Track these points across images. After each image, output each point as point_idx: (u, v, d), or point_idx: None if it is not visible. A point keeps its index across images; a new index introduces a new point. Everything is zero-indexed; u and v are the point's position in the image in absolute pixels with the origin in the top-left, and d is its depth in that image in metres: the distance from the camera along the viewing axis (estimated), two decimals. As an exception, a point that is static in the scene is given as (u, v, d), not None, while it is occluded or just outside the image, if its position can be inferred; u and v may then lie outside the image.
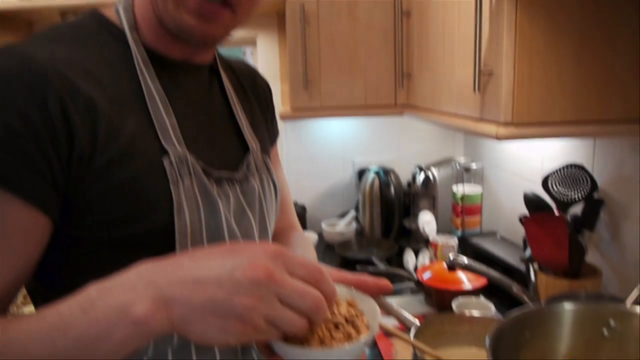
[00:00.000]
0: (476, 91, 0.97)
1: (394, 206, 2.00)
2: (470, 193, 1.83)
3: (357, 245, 1.98)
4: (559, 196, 1.22)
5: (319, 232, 2.06)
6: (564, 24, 0.92)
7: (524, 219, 1.22)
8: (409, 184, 2.05)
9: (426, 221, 1.82)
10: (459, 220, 1.84)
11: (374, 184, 1.99)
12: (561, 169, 1.23)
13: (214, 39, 0.70)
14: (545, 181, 1.24)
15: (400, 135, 2.16)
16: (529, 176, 1.59)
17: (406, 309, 1.11)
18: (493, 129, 0.97)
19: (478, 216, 1.86)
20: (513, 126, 0.95)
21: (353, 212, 2.08)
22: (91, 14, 0.72)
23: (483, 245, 1.67)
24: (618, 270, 1.23)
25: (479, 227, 1.86)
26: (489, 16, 0.96)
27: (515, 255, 1.49)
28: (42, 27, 0.68)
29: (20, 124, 0.57)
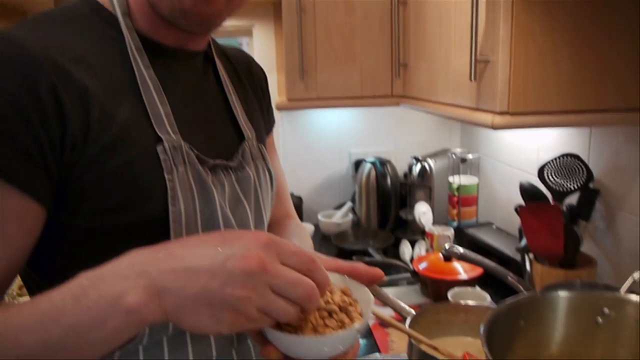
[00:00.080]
0: (472, 80, 0.97)
1: (390, 197, 2.00)
2: (467, 184, 1.83)
3: (354, 236, 1.98)
4: (554, 186, 1.22)
5: (315, 224, 2.06)
6: (559, 12, 0.92)
7: (519, 208, 1.22)
8: (406, 175, 2.05)
9: (422, 212, 1.82)
10: (455, 211, 1.84)
11: (371, 175, 1.99)
12: (557, 159, 1.23)
13: (208, 23, 0.69)
14: (541, 171, 1.24)
15: (397, 126, 2.16)
16: (525, 167, 1.59)
17: (402, 299, 1.11)
18: (489, 118, 0.96)
19: (474, 207, 1.86)
20: (509, 115, 0.94)
21: (349, 203, 2.08)
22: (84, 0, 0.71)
23: (479, 235, 1.68)
24: (613, 260, 1.24)
25: (475, 218, 1.86)
26: (486, 4, 0.96)
27: (511, 245, 1.49)
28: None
29: (11, 109, 0.56)
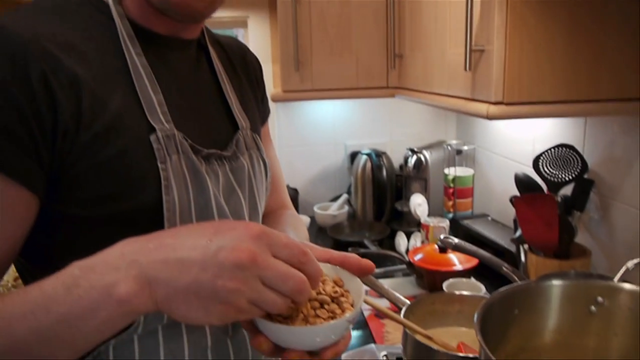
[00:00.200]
0: (467, 70, 0.97)
1: (386, 189, 2.00)
2: (462, 175, 1.84)
3: (349, 228, 1.98)
4: (549, 177, 1.23)
5: (311, 216, 2.06)
6: (554, 2, 0.92)
7: (514, 199, 1.22)
8: (401, 166, 2.05)
9: (418, 204, 1.82)
10: (451, 203, 1.85)
11: (366, 166, 1.98)
12: (552, 150, 1.23)
13: (199, 13, 0.69)
14: (536, 162, 1.24)
15: (393, 118, 2.15)
16: (520, 158, 1.59)
17: (398, 290, 1.11)
18: (484, 108, 0.96)
19: (469, 199, 1.86)
20: (504, 105, 0.94)
21: (345, 195, 2.08)
22: None
23: (474, 227, 1.68)
24: (607, 250, 1.24)
25: (470, 210, 1.87)
26: (481, -6, 0.96)
27: (506, 237, 1.49)
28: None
29: (1, 97, 0.56)
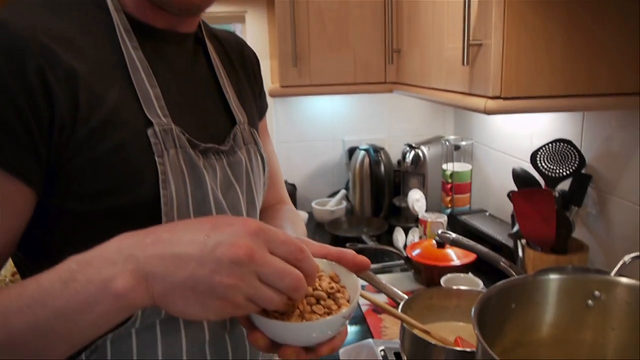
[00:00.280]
0: (465, 64, 0.96)
1: (384, 184, 2.00)
2: (460, 171, 1.84)
3: (347, 224, 1.98)
4: (547, 172, 1.23)
5: (309, 211, 2.05)
6: (553, -4, 0.92)
7: (511, 194, 1.23)
8: (399, 162, 2.05)
9: (416, 199, 1.82)
10: (449, 198, 1.85)
11: (364, 162, 1.98)
12: (549, 145, 1.23)
13: (196, 6, 0.69)
14: (533, 157, 1.24)
15: (391, 113, 2.15)
16: (518, 154, 1.59)
17: (396, 286, 1.11)
18: (481, 102, 0.96)
19: (467, 194, 1.86)
20: (501, 100, 0.94)
21: (343, 191, 2.08)
22: None
23: (472, 222, 1.68)
24: (605, 245, 1.24)
25: (468, 205, 1.87)
26: (479, -12, 0.95)
27: (504, 232, 1.50)
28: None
29: None
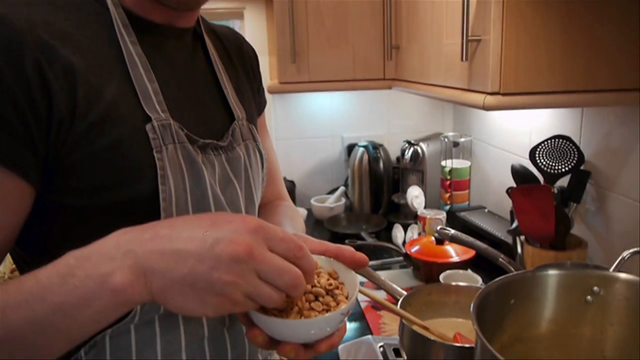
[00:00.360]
0: (464, 60, 0.96)
1: (382, 181, 2.00)
2: (459, 167, 1.83)
3: (347, 221, 1.98)
4: (546, 168, 1.23)
5: (308, 208, 2.05)
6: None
7: (510, 190, 1.22)
8: (398, 159, 2.05)
9: (415, 196, 1.82)
10: (448, 195, 1.85)
11: (363, 159, 1.98)
12: (548, 141, 1.23)
13: (194, 0, 0.68)
14: (532, 153, 1.24)
15: (390, 110, 2.15)
16: (517, 150, 1.59)
17: (395, 282, 1.11)
18: (480, 98, 0.96)
19: (466, 191, 1.86)
20: (500, 96, 0.94)
21: (342, 188, 2.08)
22: None
23: (471, 219, 1.68)
24: (603, 242, 1.24)
25: (467, 202, 1.87)
26: (478, -17, 0.95)
27: (503, 229, 1.49)
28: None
29: None
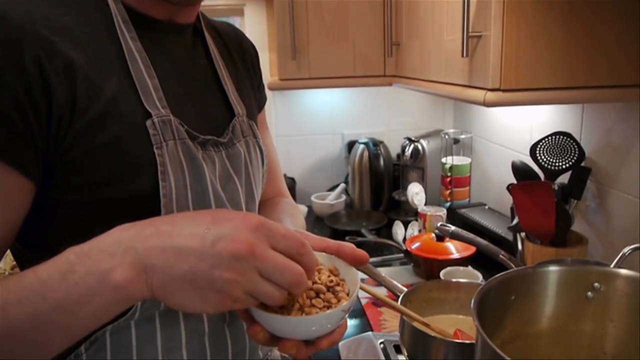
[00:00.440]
0: (464, 56, 0.96)
1: (383, 178, 2.00)
2: (459, 164, 1.83)
3: (347, 217, 1.98)
4: (546, 165, 1.23)
5: (308, 205, 2.05)
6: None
7: (511, 186, 1.22)
8: (399, 155, 2.05)
9: (415, 193, 1.82)
10: (448, 192, 1.85)
11: (364, 156, 1.98)
12: (549, 138, 1.23)
13: None
14: (533, 150, 1.24)
15: (390, 107, 2.15)
16: (517, 147, 1.59)
17: (395, 279, 1.11)
18: (481, 94, 0.96)
19: (467, 188, 1.86)
20: (501, 92, 0.93)
21: (343, 185, 2.08)
22: None
23: (471, 216, 1.68)
24: (604, 238, 1.24)
25: (467, 199, 1.87)
26: (478, -21, 0.95)
27: (504, 226, 1.49)
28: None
29: None
